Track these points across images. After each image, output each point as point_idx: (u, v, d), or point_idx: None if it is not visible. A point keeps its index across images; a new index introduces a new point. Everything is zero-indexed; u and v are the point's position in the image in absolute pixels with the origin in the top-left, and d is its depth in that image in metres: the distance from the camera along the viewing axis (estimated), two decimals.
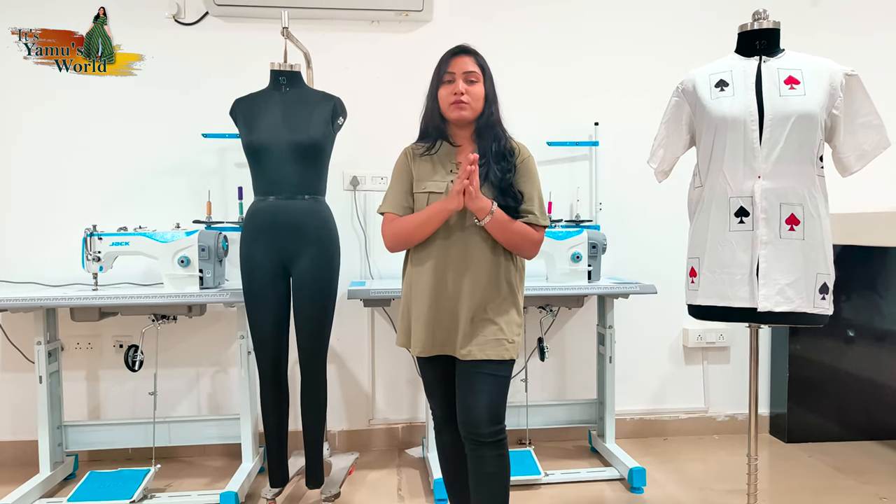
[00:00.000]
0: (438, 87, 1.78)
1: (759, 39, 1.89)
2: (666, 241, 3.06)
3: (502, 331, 1.73)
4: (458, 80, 1.74)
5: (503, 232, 1.72)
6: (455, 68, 1.75)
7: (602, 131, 3.11)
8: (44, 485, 2.54)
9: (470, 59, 1.76)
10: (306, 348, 2.36)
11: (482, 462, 1.74)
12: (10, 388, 2.92)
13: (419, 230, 1.74)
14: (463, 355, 1.72)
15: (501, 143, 1.78)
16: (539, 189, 1.81)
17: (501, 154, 1.76)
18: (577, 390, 3.21)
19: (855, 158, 1.86)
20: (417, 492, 2.62)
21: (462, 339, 1.73)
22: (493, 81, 1.80)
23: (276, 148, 2.29)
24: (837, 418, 3.14)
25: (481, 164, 1.73)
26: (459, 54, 1.77)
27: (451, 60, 1.76)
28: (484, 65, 1.79)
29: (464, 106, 1.73)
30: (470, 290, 1.72)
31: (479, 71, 1.76)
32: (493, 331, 1.72)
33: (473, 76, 1.75)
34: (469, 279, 1.72)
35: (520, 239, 1.74)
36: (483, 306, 1.73)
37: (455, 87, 1.73)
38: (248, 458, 2.69)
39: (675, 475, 2.77)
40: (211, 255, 2.54)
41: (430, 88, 1.81)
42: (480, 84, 1.76)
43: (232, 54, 2.94)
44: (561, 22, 3.12)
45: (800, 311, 1.80)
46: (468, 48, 1.79)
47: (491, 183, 1.73)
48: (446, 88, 1.76)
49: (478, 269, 1.73)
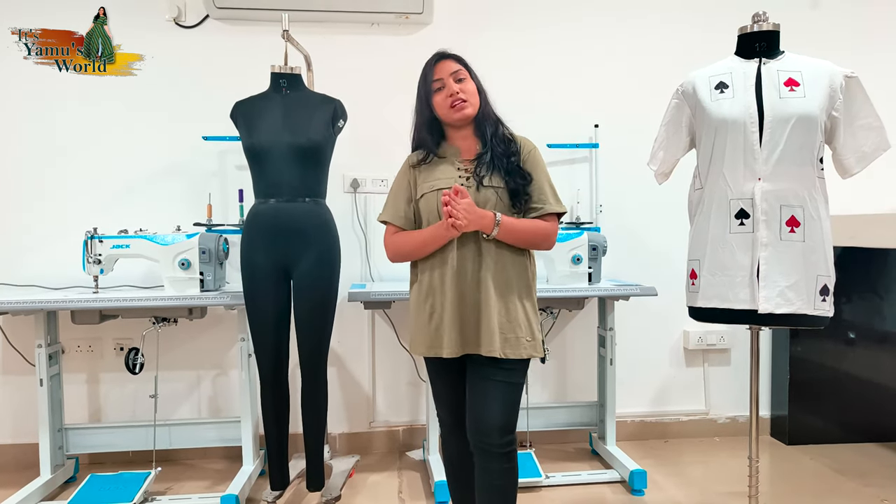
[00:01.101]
0: (429, 98, 1.77)
1: (759, 41, 1.89)
2: (666, 243, 3.06)
3: (521, 328, 1.71)
4: (448, 82, 1.74)
5: (514, 235, 1.71)
6: (441, 73, 1.75)
7: (602, 133, 3.11)
8: (44, 488, 2.54)
9: (451, 62, 1.77)
10: (307, 351, 2.36)
11: (490, 473, 1.71)
12: (11, 390, 2.92)
13: (420, 250, 1.76)
14: (488, 352, 1.68)
15: (499, 129, 1.79)
16: (549, 177, 1.81)
17: (501, 139, 1.77)
18: (577, 392, 3.21)
19: (855, 160, 1.86)
20: (418, 495, 2.61)
21: (485, 336, 1.69)
22: (477, 76, 1.81)
23: (277, 150, 2.30)
24: (838, 420, 3.14)
25: (484, 153, 1.75)
26: (440, 60, 1.78)
27: (434, 68, 1.77)
28: (465, 63, 1.80)
29: (464, 104, 1.74)
30: (487, 287, 1.70)
31: (463, 69, 1.77)
32: (512, 328, 1.70)
33: (461, 74, 1.76)
34: (487, 277, 1.70)
35: (532, 236, 1.74)
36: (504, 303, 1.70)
37: (449, 90, 1.74)
38: (248, 460, 2.69)
39: (676, 477, 2.77)
40: (211, 258, 2.54)
41: (417, 102, 1.81)
42: (469, 80, 1.77)
43: (232, 57, 2.95)
44: (560, 24, 3.12)
45: (800, 313, 1.80)
46: (446, 52, 1.80)
47: (498, 169, 1.73)
48: (440, 95, 1.75)
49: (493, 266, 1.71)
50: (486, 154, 1.75)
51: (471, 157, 1.78)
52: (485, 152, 1.75)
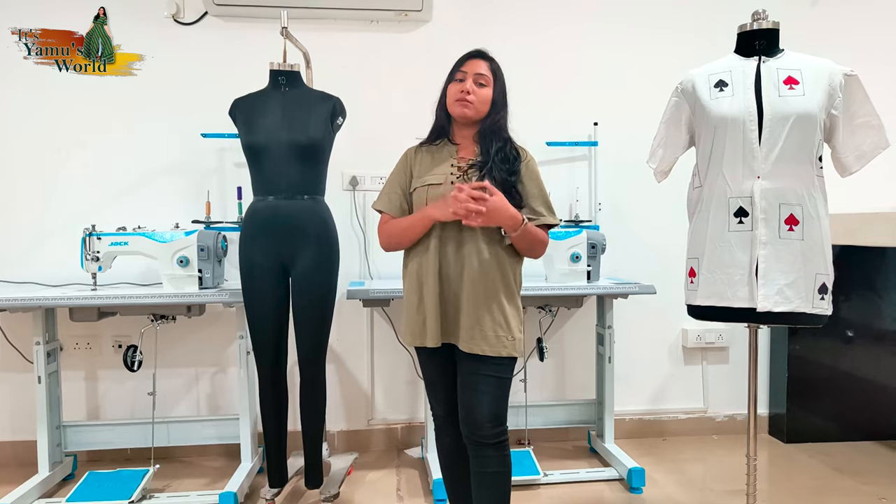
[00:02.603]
0: (447, 84, 1.82)
1: (759, 39, 1.89)
2: (665, 242, 3.06)
3: (502, 327, 1.73)
4: (468, 79, 1.77)
5: (527, 240, 1.74)
6: (468, 68, 1.79)
7: (601, 131, 3.11)
8: (43, 485, 2.54)
9: (484, 63, 1.80)
10: (305, 348, 2.35)
11: (484, 462, 1.75)
12: (9, 388, 2.92)
13: (406, 234, 1.78)
14: (467, 348, 1.72)
15: (507, 146, 1.79)
16: (544, 189, 1.83)
17: (506, 157, 1.77)
18: (576, 390, 3.21)
19: (854, 159, 1.86)
20: (416, 492, 2.62)
21: (465, 331, 1.72)
22: (504, 90, 1.82)
23: (276, 148, 2.29)
24: (836, 418, 3.14)
25: (483, 163, 1.76)
26: (475, 57, 1.80)
27: (467, 62, 1.80)
28: (497, 71, 1.82)
29: (467, 104, 1.76)
30: (469, 283, 1.72)
31: (490, 75, 1.79)
32: (492, 326, 1.72)
33: (483, 79, 1.78)
34: (467, 272, 1.72)
35: (539, 244, 1.78)
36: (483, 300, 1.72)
37: (463, 86, 1.76)
38: (247, 458, 2.69)
39: (675, 475, 2.77)
40: (210, 255, 2.54)
41: (443, 86, 1.84)
42: (489, 88, 1.79)
43: (231, 54, 2.94)
44: (560, 22, 3.12)
45: (799, 312, 1.80)
46: (485, 53, 1.82)
47: (494, 180, 1.74)
48: (455, 86, 1.79)
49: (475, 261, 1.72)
50: (485, 164, 1.75)
51: (467, 159, 1.80)
52: (484, 162, 1.76)
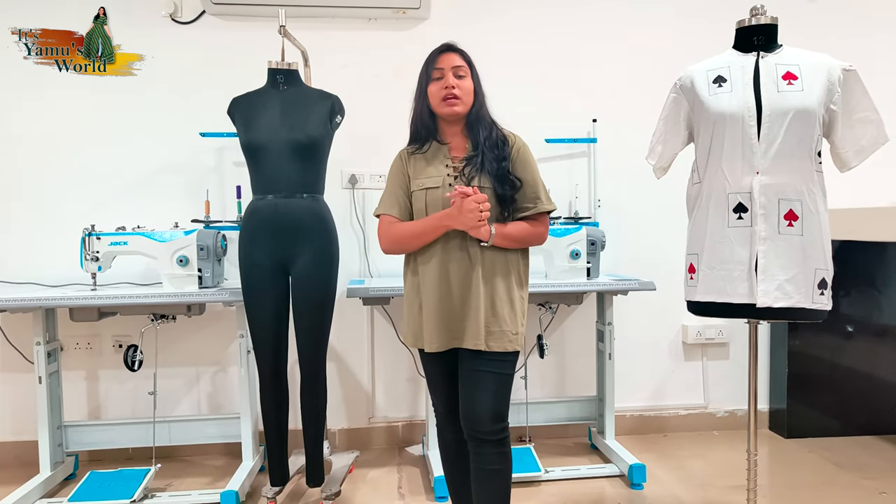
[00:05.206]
0: (427, 86, 1.80)
1: (757, 35, 1.89)
2: (665, 238, 3.05)
3: (506, 322, 1.73)
4: (447, 74, 1.76)
5: (508, 240, 1.74)
6: (443, 64, 1.77)
7: (600, 128, 3.11)
8: (44, 485, 2.54)
9: (456, 55, 1.79)
10: (306, 347, 2.35)
11: (485, 459, 1.75)
12: (10, 388, 2.92)
13: (416, 240, 1.76)
14: (474, 345, 1.71)
15: (494, 132, 1.79)
16: (539, 175, 1.82)
17: (494, 143, 1.78)
18: (576, 387, 3.21)
19: (853, 154, 1.86)
20: (418, 490, 2.62)
21: (470, 330, 1.72)
22: (478, 76, 1.82)
23: (275, 146, 2.29)
24: (837, 413, 3.15)
25: (475, 155, 1.75)
26: (446, 51, 1.79)
27: (439, 57, 1.79)
28: (469, 60, 1.81)
29: (455, 101, 1.75)
30: (475, 282, 1.72)
31: (466, 65, 1.79)
32: (497, 322, 1.72)
33: (462, 70, 1.77)
34: (474, 271, 1.72)
35: (526, 237, 1.77)
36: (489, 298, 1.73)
37: (445, 82, 1.75)
38: (248, 456, 2.69)
39: (675, 471, 2.77)
40: (210, 255, 2.54)
41: (417, 89, 1.83)
42: (469, 78, 1.79)
43: (229, 53, 2.94)
44: (558, 19, 3.11)
45: (799, 307, 1.80)
46: (454, 45, 1.81)
47: (487, 173, 1.74)
48: (436, 84, 1.77)
49: (482, 260, 1.73)
50: (476, 157, 1.75)
51: (460, 156, 1.79)
52: (475, 155, 1.76)
